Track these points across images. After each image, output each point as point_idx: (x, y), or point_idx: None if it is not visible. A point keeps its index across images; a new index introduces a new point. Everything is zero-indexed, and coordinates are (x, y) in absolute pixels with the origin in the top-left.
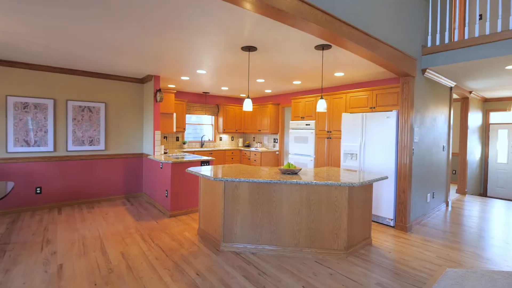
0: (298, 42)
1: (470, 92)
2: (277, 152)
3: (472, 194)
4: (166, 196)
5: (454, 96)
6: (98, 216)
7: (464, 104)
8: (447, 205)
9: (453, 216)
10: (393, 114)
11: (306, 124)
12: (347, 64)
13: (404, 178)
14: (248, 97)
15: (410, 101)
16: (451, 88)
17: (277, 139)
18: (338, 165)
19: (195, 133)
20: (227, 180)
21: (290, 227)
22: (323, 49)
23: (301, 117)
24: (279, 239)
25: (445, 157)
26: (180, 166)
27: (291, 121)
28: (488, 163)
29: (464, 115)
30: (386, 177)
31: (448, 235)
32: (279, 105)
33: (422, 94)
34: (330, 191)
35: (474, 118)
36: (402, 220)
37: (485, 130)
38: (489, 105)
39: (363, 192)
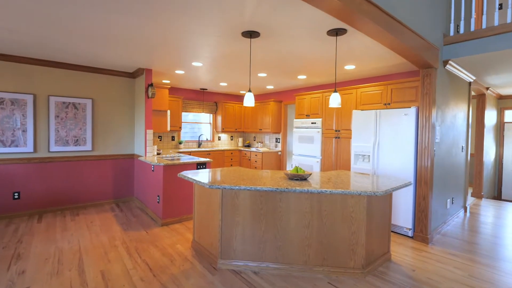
0: (308, 27)
1: (487, 89)
2: (279, 153)
3: (486, 198)
4: (158, 202)
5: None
6: (82, 225)
7: (480, 101)
8: (465, 211)
9: (474, 224)
10: (411, 111)
11: (312, 123)
12: (360, 55)
13: (425, 183)
14: (249, 91)
15: (432, 96)
16: (469, 83)
17: (279, 138)
18: (348, 167)
19: (192, 132)
20: (224, 188)
21: (299, 242)
22: (336, 34)
23: (306, 115)
24: (286, 256)
25: (464, 159)
26: (173, 169)
27: (295, 119)
28: (502, 164)
29: (480, 113)
30: (410, 183)
31: (475, 248)
32: (282, 102)
33: (443, 89)
34: (346, 200)
35: (490, 117)
36: (422, 230)
37: (500, 129)
38: (504, 102)
39: (382, 200)
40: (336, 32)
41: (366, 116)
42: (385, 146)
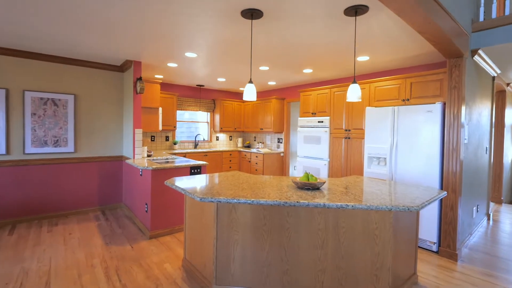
0: (321, 3)
1: (508, 85)
2: (281, 154)
3: (505, 203)
4: (146, 211)
5: None
6: (58, 238)
7: (500, 99)
8: (488, 219)
9: (500, 234)
10: (436, 108)
11: (319, 121)
12: (377, 43)
13: (453, 190)
14: (250, 81)
15: (461, 90)
16: (493, 77)
17: (281, 139)
18: (360, 171)
19: (189, 132)
20: (220, 202)
21: (310, 266)
22: (356, 13)
23: (312, 113)
24: (295, 283)
25: (487, 161)
26: (163, 174)
27: (299, 118)
28: None
29: (500, 111)
30: (445, 194)
31: (510, 266)
32: (284, 100)
33: (470, 83)
34: (369, 215)
35: (508, 115)
36: (450, 245)
37: None
38: None
39: (409, 214)
40: (356, 11)
41: (382, 114)
42: (404, 147)
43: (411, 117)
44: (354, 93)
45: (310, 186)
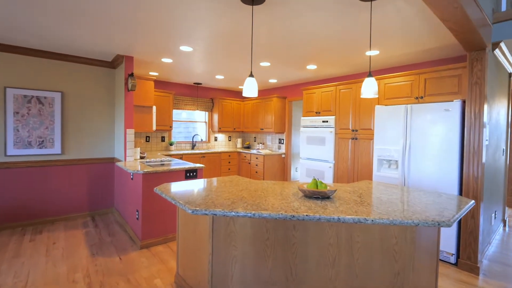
0: None
1: None
2: (283, 155)
3: None
4: (137, 219)
5: None
6: (40, 248)
7: None
8: (504, 225)
9: None
10: (455, 106)
11: (323, 121)
12: (391, 34)
13: (474, 196)
14: (251, 75)
15: (483, 87)
16: (510, 74)
17: (283, 139)
18: (368, 174)
19: (186, 132)
20: (215, 214)
21: (321, 286)
22: None
23: (316, 112)
24: None
25: (503, 163)
26: (155, 178)
27: (302, 118)
28: None
29: None
30: (473, 203)
31: None
32: (286, 98)
33: (490, 79)
34: (387, 228)
35: None
36: (470, 257)
37: None
38: None
39: (432, 228)
40: None
41: (393, 113)
42: (418, 149)
43: (425, 116)
44: (370, 88)
45: (319, 194)
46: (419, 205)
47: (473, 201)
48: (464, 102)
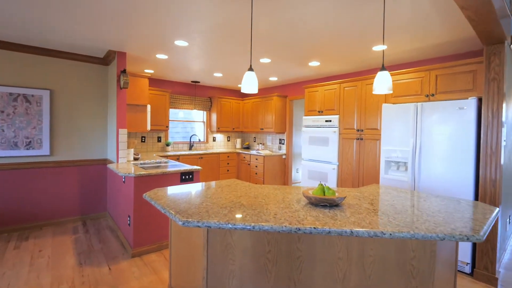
0: None
1: None
2: (284, 156)
3: None
4: (129, 225)
5: None
6: (25, 256)
7: None
8: None
9: None
10: (470, 104)
11: (326, 121)
12: (402, 26)
13: (491, 201)
14: (250, 68)
15: (501, 83)
16: None
17: (283, 139)
18: (375, 177)
19: (184, 132)
20: (209, 227)
21: None
22: None
23: (319, 111)
24: None
25: None
26: (148, 181)
27: (304, 117)
28: None
29: None
30: (499, 210)
31: None
32: (287, 97)
33: (508, 74)
34: (404, 242)
35: None
36: (488, 267)
37: None
38: None
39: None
40: None
41: (401, 111)
42: (429, 150)
43: (437, 115)
44: (383, 83)
45: (327, 202)
46: (439, 214)
47: (498, 208)
48: (479, 99)
